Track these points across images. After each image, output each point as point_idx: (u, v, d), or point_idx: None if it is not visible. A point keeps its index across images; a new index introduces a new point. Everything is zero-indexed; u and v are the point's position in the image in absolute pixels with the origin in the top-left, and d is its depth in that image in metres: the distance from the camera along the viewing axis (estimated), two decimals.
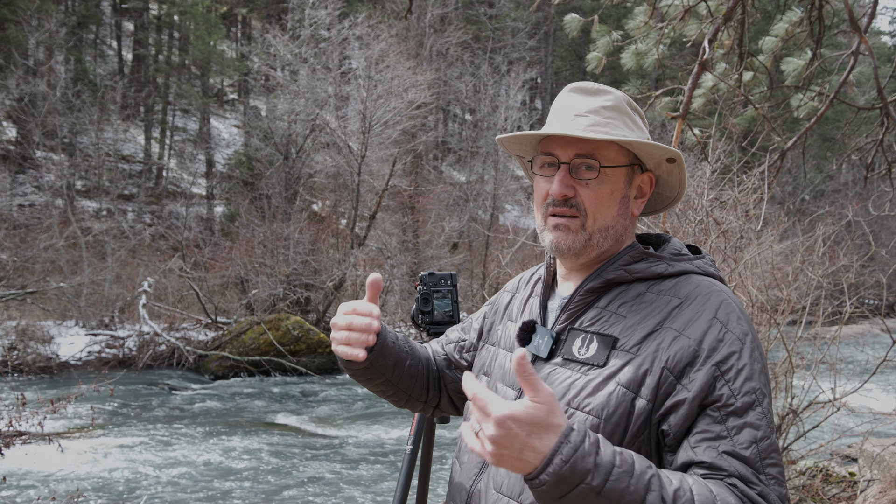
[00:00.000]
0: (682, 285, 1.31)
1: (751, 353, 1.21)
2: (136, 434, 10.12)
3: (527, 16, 30.84)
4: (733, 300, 1.28)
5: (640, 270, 1.34)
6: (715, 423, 1.17)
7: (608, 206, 1.35)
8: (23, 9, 21.08)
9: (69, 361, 15.06)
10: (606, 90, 1.39)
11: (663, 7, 4.75)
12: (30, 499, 7.27)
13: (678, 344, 1.22)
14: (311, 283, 17.96)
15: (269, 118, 21.81)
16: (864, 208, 9.44)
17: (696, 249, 1.42)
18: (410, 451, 2.15)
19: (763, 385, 1.20)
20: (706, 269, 1.35)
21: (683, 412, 1.18)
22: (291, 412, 11.98)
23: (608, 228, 1.36)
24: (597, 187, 1.34)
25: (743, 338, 1.22)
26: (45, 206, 19.12)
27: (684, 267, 1.34)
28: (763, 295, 4.97)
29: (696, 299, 1.27)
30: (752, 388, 1.18)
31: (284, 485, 8.15)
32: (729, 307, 1.25)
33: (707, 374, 1.18)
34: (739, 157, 5.92)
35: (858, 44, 3.91)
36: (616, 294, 1.34)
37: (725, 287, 1.33)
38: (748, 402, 1.17)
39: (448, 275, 2.23)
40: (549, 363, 1.35)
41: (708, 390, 1.18)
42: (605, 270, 1.35)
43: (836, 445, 5.81)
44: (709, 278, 1.34)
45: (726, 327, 1.22)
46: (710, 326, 1.22)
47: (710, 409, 1.18)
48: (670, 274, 1.33)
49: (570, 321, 1.36)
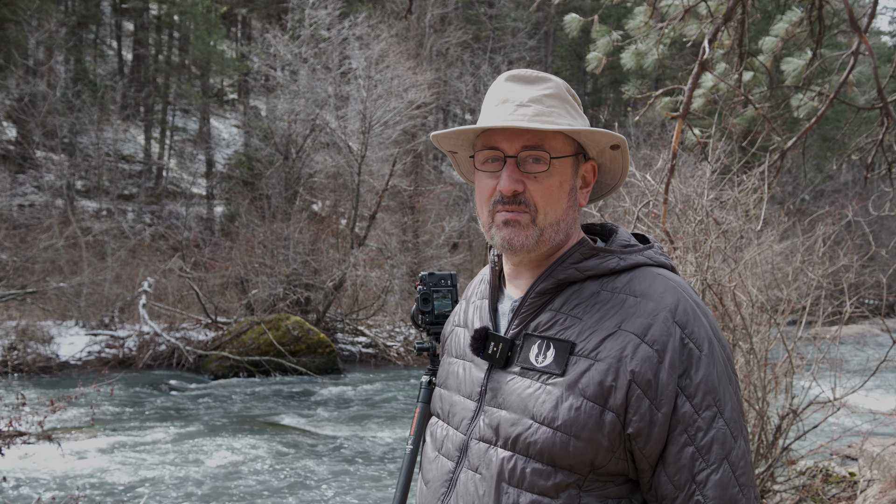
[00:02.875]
0: (636, 281, 1.24)
1: (710, 358, 1.16)
2: (136, 434, 10.12)
3: (527, 16, 30.84)
4: (689, 294, 1.23)
5: (591, 268, 1.26)
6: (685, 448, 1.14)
7: (557, 199, 1.28)
8: (23, 9, 21.08)
9: (69, 361, 15.07)
10: (546, 77, 1.31)
11: (663, 7, 4.75)
12: (30, 499, 7.27)
13: (641, 353, 1.16)
14: (311, 283, 17.96)
15: (269, 118, 21.82)
16: (864, 208, 9.43)
17: (644, 239, 1.37)
18: (410, 451, 2.14)
19: (726, 385, 1.17)
20: (658, 259, 1.29)
21: (657, 435, 1.14)
22: (291, 412, 11.98)
23: (559, 222, 1.29)
24: (546, 180, 1.27)
25: (701, 342, 1.17)
26: (45, 206, 19.12)
27: (636, 260, 1.27)
28: (763, 295, 4.97)
29: (653, 298, 1.20)
30: (712, 401, 1.14)
31: (284, 485, 8.16)
32: (686, 305, 1.20)
33: (671, 391, 1.14)
34: (739, 157, 5.92)
35: (858, 44, 3.91)
36: (570, 294, 1.27)
37: (679, 278, 1.28)
38: (710, 417, 1.14)
39: (448, 275, 2.23)
40: (507, 371, 1.27)
41: (673, 408, 1.14)
42: (555, 270, 1.28)
43: (836, 445, 5.82)
44: (662, 270, 1.28)
45: (685, 331, 1.17)
46: (670, 332, 1.16)
47: (676, 431, 1.14)
48: (622, 269, 1.26)
49: (523, 326, 1.28)
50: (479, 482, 1.24)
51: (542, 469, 1.17)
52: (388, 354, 17.22)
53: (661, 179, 5.04)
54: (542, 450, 1.18)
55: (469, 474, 1.27)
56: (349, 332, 18.10)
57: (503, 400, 1.25)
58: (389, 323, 18.70)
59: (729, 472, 1.12)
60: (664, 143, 10.96)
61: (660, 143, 12.76)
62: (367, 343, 17.78)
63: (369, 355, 17.41)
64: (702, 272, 4.46)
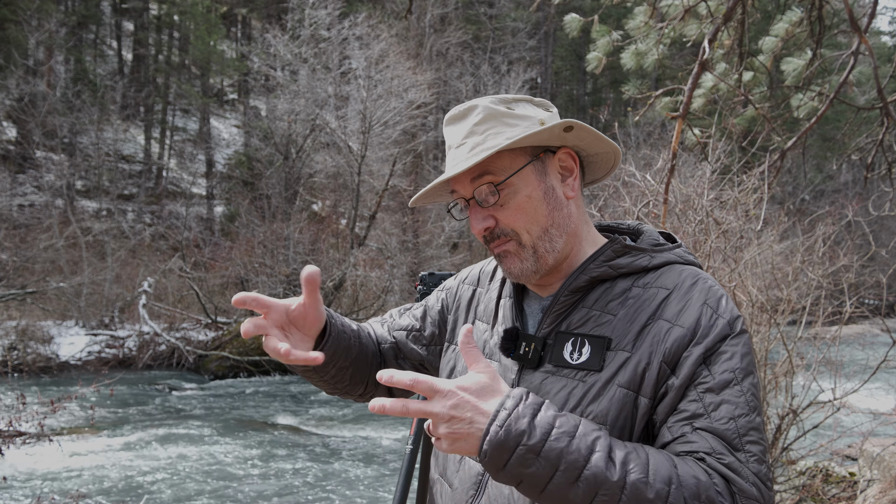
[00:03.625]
0: (666, 276, 1.26)
1: (737, 336, 1.19)
2: (136, 434, 10.12)
3: (527, 16, 30.84)
4: (717, 285, 1.27)
5: (624, 265, 1.28)
6: (691, 402, 1.14)
7: (533, 212, 1.27)
8: (23, 9, 21.09)
9: (69, 361, 15.07)
10: (472, 105, 1.30)
11: (663, 7, 4.75)
12: (30, 499, 7.27)
13: (673, 335, 1.18)
14: None
15: (269, 118, 21.82)
16: (864, 208, 9.43)
17: (671, 238, 1.39)
18: (410, 451, 2.14)
19: (747, 365, 1.17)
20: (687, 257, 1.33)
21: (669, 399, 1.16)
22: (291, 412, 11.98)
23: (547, 230, 1.28)
24: (511, 202, 1.26)
25: (732, 322, 1.19)
26: (45, 206, 19.12)
27: (667, 258, 1.30)
28: (763, 295, 4.97)
29: (684, 288, 1.24)
30: (730, 367, 1.15)
31: (284, 485, 8.15)
32: (716, 292, 1.24)
33: (695, 360, 1.16)
34: (739, 157, 5.92)
35: (858, 44, 3.91)
36: (601, 291, 1.27)
37: (707, 275, 1.31)
38: (726, 380, 1.14)
39: (448, 275, 2.23)
40: (540, 371, 1.26)
41: (693, 376, 1.15)
42: (587, 268, 1.28)
43: (836, 445, 5.82)
44: (690, 266, 1.30)
45: (716, 312, 1.20)
46: (700, 313, 1.19)
47: (688, 389, 1.15)
48: (653, 266, 1.28)
49: (556, 324, 1.28)
50: None
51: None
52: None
53: (661, 179, 5.04)
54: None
55: None
56: None
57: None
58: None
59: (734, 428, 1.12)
60: (664, 143, 10.96)
61: (660, 143, 12.76)
62: None
63: None
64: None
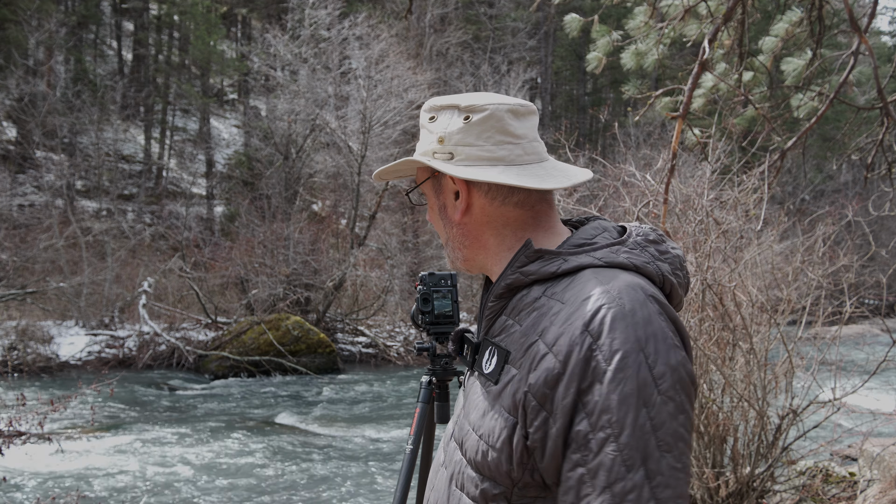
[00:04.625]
0: (573, 285, 1.14)
1: (618, 374, 1.03)
2: (136, 434, 10.12)
3: (527, 16, 30.84)
4: (624, 301, 1.08)
5: (533, 272, 1.19)
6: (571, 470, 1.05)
7: (435, 220, 1.33)
8: (23, 9, 21.09)
9: (69, 361, 15.07)
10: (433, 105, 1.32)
11: (663, 7, 4.75)
12: (30, 499, 7.27)
13: (544, 364, 1.08)
14: (311, 283, 17.96)
15: (269, 118, 21.82)
16: (864, 208, 9.43)
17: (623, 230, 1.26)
18: (410, 451, 2.14)
19: (633, 408, 1.02)
20: (613, 259, 1.16)
21: (550, 451, 1.07)
22: (291, 412, 11.98)
23: (447, 241, 1.32)
24: (428, 210, 1.36)
25: (611, 356, 1.04)
26: (45, 206, 19.12)
27: (580, 262, 1.16)
28: (763, 295, 4.97)
29: (576, 304, 1.10)
30: (607, 422, 1.02)
31: (284, 485, 8.16)
32: (609, 314, 1.06)
33: (568, 405, 1.05)
34: (739, 157, 5.93)
35: (858, 44, 3.91)
36: (518, 299, 1.21)
37: (628, 281, 1.12)
38: (602, 439, 1.02)
39: (448, 275, 2.22)
40: (474, 376, 1.27)
41: (569, 424, 1.05)
42: (504, 275, 1.22)
43: (836, 445, 5.82)
44: (613, 271, 1.14)
45: (595, 343, 1.05)
46: (576, 343, 1.06)
47: (570, 449, 1.05)
48: (565, 272, 1.17)
49: (486, 331, 1.26)
50: (444, 480, 1.27)
51: (473, 476, 1.17)
52: (388, 354, 17.22)
53: (661, 179, 5.04)
54: (471, 458, 1.17)
55: (442, 471, 1.30)
56: (349, 332, 18.10)
57: (467, 403, 1.27)
58: (389, 323, 18.70)
59: (609, 502, 1.00)
60: (664, 143, 10.96)
61: (660, 143, 12.76)
62: (367, 343, 17.78)
63: (369, 355, 17.41)
64: (702, 272, 4.47)
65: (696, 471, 4.65)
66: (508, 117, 1.24)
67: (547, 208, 1.27)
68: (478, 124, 1.23)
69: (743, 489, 4.61)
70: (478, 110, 1.24)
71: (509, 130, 1.24)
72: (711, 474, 4.56)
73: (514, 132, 1.24)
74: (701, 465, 4.63)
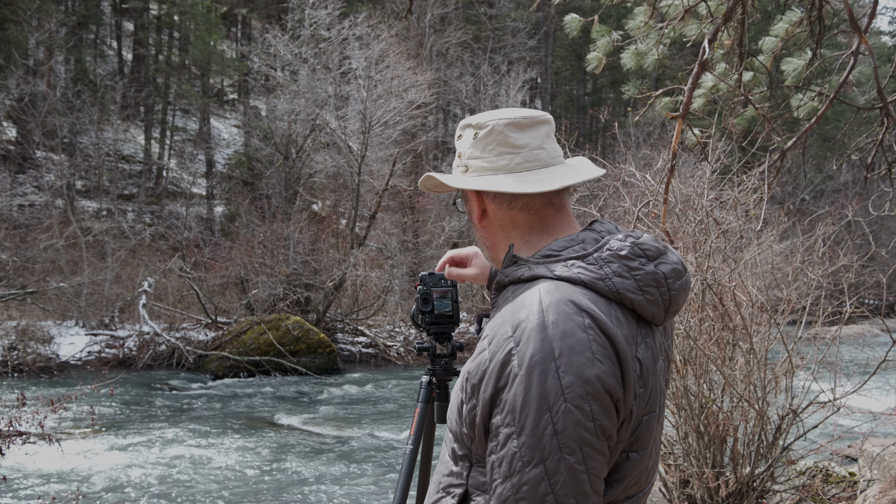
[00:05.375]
0: (525, 291, 1.27)
1: (525, 379, 1.14)
2: (136, 434, 10.12)
3: (527, 16, 30.84)
4: (550, 314, 1.18)
5: (508, 274, 1.36)
6: (490, 454, 1.19)
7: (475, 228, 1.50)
8: (23, 9, 21.08)
9: (69, 361, 15.07)
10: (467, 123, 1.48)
11: (663, 7, 4.75)
12: (30, 499, 7.28)
13: (480, 357, 1.23)
14: (311, 283, 17.96)
15: (269, 118, 21.82)
16: (864, 208, 9.43)
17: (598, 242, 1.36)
18: (410, 451, 2.14)
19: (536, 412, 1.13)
20: (562, 273, 1.26)
21: (477, 436, 1.23)
22: (291, 412, 11.98)
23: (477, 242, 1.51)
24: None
25: (522, 362, 1.16)
26: (45, 206, 19.12)
27: (538, 272, 1.29)
28: (763, 295, 4.97)
29: (513, 310, 1.23)
30: (512, 420, 1.15)
31: (284, 485, 8.16)
32: (532, 324, 1.18)
33: (487, 399, 1.19)
34: (739, 157, 5.93)
35: (858, 44, 3.91)
36: (502, 296, 1.38)
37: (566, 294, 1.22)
38: (507, 434, 1.16)
39: None
40: None
41: (488, 415, 1.20)
42: (497, 274, 1.41)
43: (836, 445, 5.82)
44: (558, 283, 1.25)
45: (514, 348, 1.17)
46: (501, 346, 1.20)
47: (488, 438, 1.20)
48: (527, 278, 1.30)
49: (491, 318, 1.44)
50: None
51: (449, 437, 1.38)
52: (388, 354, 17.22)
53: (661, 179, 5.04)
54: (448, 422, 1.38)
55: None
56: (349, 332, 18.10)
57: None
58: (389, 323, 18.70)
59: (510, 491, 1.15)
60: (664, 143, 10.96)
61: (660, 143, 12.76)
62: (367, 343, 17.78)
63: (369, 355, 17.41)
64: (702, 272, 4.47)
65: (696, 471, 4.65)
66: (509, 130, 1.37)
67: (553, 212, 1.39)
68: (482, 139, 1.39)
69: (743, 489, 4.61)
70: (482, 126, 1.40)
71: (509, 142, 1.37)
72: (711, 474, 4.56)
73: (515, 143, 1.37)
74: (701, 465, 4.63)
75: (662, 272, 1.28)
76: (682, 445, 4.75)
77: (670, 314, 1.31)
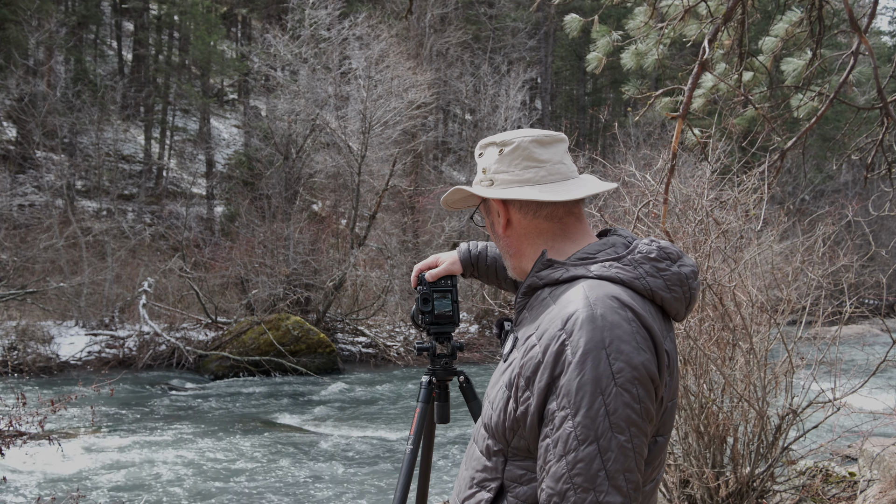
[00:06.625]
0: (567, 290, 1.38)
1: (579, 365, 1.26)
2: (136, 434, 10.12)
3: (527, 16, 30.84)
4: (599, 308, 1.30)
5: (544, 277, 1.46)
6: (542, 440, 1.29)
7: (494, 238, 1.62)
8: (23, 9, 21.08)
9: (69, 361, 15.07)
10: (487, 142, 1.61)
11: (663, 7, 4.75)
12: (30, 499, 7.28)
13: (532, 353, 1.33)
14: (311, 283, 17.95)
15: (269, 118, 21.81)
16: (864, 208, 9.43)
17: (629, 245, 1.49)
18: (410, 451, 2.14)
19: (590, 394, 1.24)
20: (603, 273, 1.39)
21: (530, 424, 1.32)
22: (291, 412, 11.98)
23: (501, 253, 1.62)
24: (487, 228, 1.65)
25: (576, 350, 1.27)
26: (45, 206, 19.11)
27: (577, 272, 1.41)
28: (763, 295, 4.97)
29: (563, 306, 1.35)
30: (567, 403, 1.25)
31: (284, 485, 8.16)
32: (583, 315, 1.29)
33: (543, 387, 1.29)
34: (739, 157, 5.92)
35: (858, 44, 3.91)
36: (534, 298, 1.48)
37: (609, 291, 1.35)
38: (563, 416, 1.26)
39: (447, 275, 2.22)
40: None
41: (543, 403, 1.29)
42: (528, 277, 1.51)
43: (836, 445, 5.81)
44: (600, 283, 1.37)
45: (568, 338, 1.29)
46: (554, 338, 1.30)
47: (543, 423, 1.30)
48: (564, 279, 1.42)
49: (515, 322, 1.55)
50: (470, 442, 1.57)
51: (483, 434, 1.46)
52: (388, 354, 17.21)
53: (661, 179, 5.04)
54: (483, 420, 1.47)
55: None
56: (349, 332, 18.09)
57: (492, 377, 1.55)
58: (389, 323, 18.70)
59: (565, 468, 1.24)
60: (664, 143, 10.96)
61: (660, 143, 12.76)
62: (367, 343, 17.77)
63: (369, 355, 17.41)
64: (702, 272, 4.47)
65: (696, 471, 4.65)
66: (533, 147, 1.52)
67: (574, 221, 1.52)
68: (508, 154, 1.53)
69: (743, 489, 4.61)
70: (508, 144, 1.53)
71: (534, 157, 1.51)
72: (711, 474, 4.56)
73: (539, 158, 1.51)
74: (701, 464, 4.62)
75: (684, 273, 1.43)
76: (682, 445, 4.75)
77: (689, 311, 1.45)
